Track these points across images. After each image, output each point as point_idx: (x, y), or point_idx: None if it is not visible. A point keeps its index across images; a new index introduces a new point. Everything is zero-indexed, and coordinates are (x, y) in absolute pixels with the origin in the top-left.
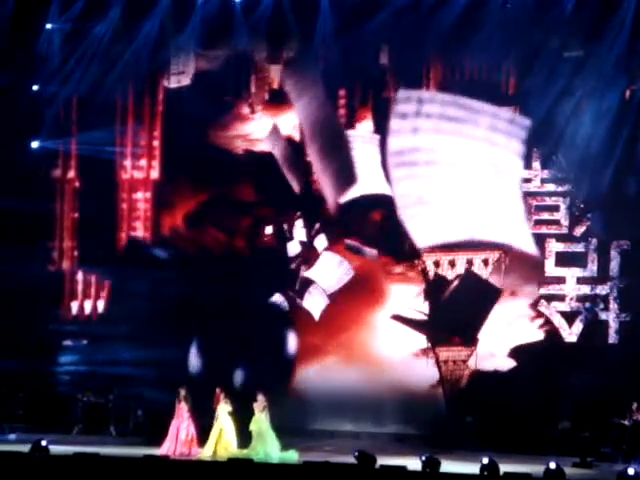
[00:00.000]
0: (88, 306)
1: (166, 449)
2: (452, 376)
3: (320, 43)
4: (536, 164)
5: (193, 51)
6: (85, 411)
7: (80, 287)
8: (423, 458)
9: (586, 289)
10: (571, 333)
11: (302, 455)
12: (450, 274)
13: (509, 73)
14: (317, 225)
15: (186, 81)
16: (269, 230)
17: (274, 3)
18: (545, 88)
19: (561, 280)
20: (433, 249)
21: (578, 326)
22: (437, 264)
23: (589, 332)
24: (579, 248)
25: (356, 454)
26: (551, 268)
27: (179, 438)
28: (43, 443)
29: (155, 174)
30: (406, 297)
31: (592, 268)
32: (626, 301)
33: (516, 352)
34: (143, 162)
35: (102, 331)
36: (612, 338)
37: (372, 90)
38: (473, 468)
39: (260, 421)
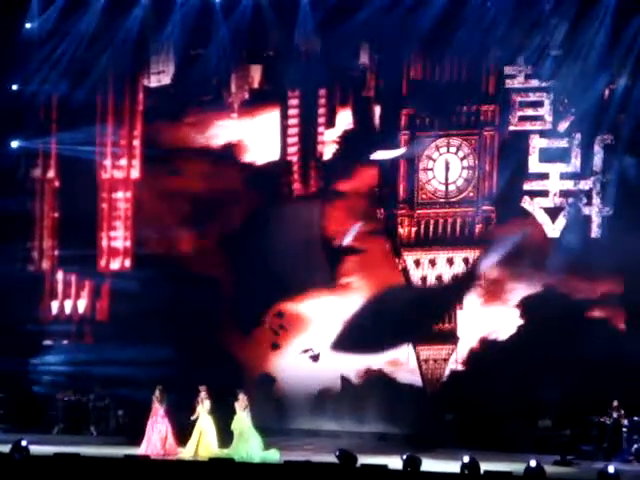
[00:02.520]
0: (68, 306)
1: (144, 449)
2: (433, 375)
3: (300, 42)
4: (520, 59)
5: (173, 50)
6: (65, 411)
7: (60, 287)
8: (404, 457)
9: (569, 184)
10: (554, 229)
11: (283, 454)
12: (430, 273)
13: (489, 72)
14: None
15: (166, 80)
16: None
17: (254, 2)
18: (525, 87)
19: (544, 176)
20: (413, 247)
21: (561, 221)
22: (417, 263)
23: (572, 227)
24: (563, 144)
25: (337, 453)
26: (535, 165)
27: (153, 437)
28: (23, 443)
29: (135, 174)
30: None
31: (575, 164)
32: (609, 196)
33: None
34: (123, 162)
35: (82, 331)
36: (595, 232)
37: (352, 89)
38: (454, 467)
39: (242, 420)
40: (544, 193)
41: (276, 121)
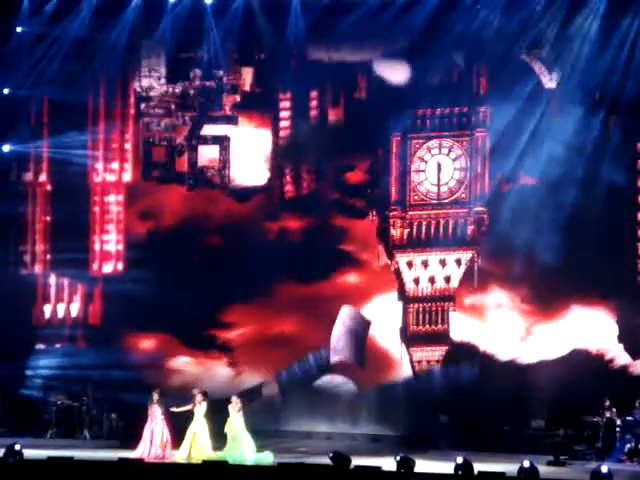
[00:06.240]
0: (61, 310)
1: (140, 452)
2: (426, 376)
3: (291, 45)
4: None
5: (164, 53)
6: (59, 415)
7: (53, 290)
8: (398, 458)
9: None
10: (551, 79)
11: (277, 456)
12: (423, 274)
13: (480, 73)
14: None
15: (158, 83)
16: None
17: (245, 5)
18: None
19: None
20: (406, 249)
21: (559, 72)
22: (410, 265)
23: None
24: None
25: (331, 455)
26: None
27: (154, 441)
28: (17, 447)
29: (127, 177)
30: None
31: None
32: None
33: None
34: (115, 165)
35: (75, 335)
36: None
37: (343, 91)
38: (448, 468)
39: (235, 423)
40: (542, 45)
41: (268, 123)
